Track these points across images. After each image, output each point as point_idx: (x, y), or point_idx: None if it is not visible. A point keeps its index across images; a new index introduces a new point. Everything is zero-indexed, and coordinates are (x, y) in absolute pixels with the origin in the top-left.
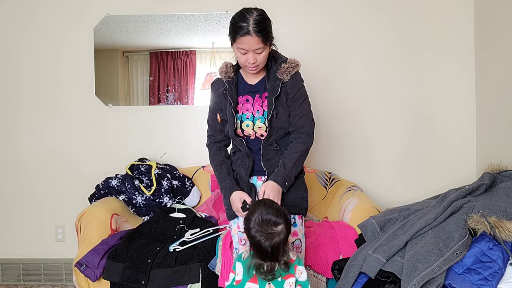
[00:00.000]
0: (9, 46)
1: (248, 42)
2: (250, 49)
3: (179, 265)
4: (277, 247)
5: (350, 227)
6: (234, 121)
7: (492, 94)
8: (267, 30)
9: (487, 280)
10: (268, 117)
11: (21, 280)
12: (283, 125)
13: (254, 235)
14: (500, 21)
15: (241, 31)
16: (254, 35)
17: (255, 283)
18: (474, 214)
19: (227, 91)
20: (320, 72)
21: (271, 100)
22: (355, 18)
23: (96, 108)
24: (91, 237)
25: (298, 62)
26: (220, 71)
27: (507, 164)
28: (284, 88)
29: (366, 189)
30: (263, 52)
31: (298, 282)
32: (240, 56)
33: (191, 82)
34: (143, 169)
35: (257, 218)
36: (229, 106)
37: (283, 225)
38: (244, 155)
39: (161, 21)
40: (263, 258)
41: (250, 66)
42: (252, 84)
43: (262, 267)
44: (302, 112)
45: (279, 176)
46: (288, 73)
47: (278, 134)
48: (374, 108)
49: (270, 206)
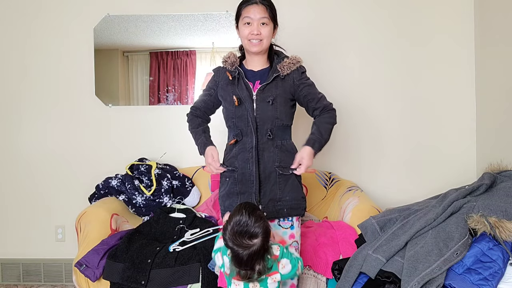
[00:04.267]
0: (9, 46)
1: (254, 10)
2: (255, 18)
3: (179, 265)
4: (251, 258)
5: (350, 227)
6: (252, 106)
7: (492, 94)
8: (272, 6)
9: (487, 280)
10: (254, 104)
11: (21, 280)
12: (279, 115)
13: (231, 246)
14: (500, 20)
15: (249, 2)
16: (260, 4)
17: (240, 280)
18: (474, 214)
19: (241, 75)
20: (320, 71)
21: (262, 86)
22: (356, 17)
23: (96, 108)
24: (91, 237)
25: (300, 59)
26: (225, 58)
27: (507, 164)
28: (290, 81)
29: (366, 189)
30: (267, 26)
31: (290, 273)
32: (244, 29)
33: (191, 82)
34: (143, 169)
35: (233, 229)
36: (246, 90)
37: (260, 237)
38: (248, 142)
39: (161, 21)
40: (239, 266)
41: (254, 39)
42: (254, 71)
43: (239, 273)
44: (322, 95)
45: (316, 142)
46: (288, 68)
47: (274, 124)
48: (374, 108)
49: (247, 216)
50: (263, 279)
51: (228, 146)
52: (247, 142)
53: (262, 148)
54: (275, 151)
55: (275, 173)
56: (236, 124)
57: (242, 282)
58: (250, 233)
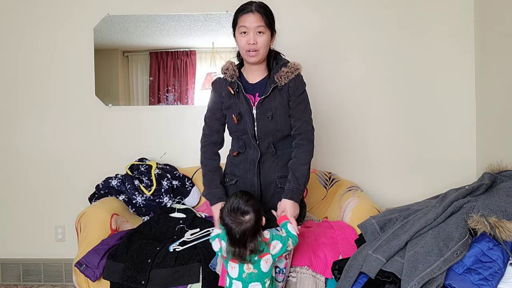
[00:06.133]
0: (9, 46)
1: (250, 19)
2: (251, 27)
3: (179, 265)
4: (244, 234)
5: (350, 227)
6: (252, 120)
7: (492, 94)
8: (269, 13)
9: (487, 280)
10: (255, 118)
11: (21, 280)
12: (280, 127)
13: (226, 222)
14: (500, 20)
15: (244, 10)
16: (256, 13)
17: (235, 262)
18: (474, 214)
19: (240, 89)
20: (320, 71)
21: (261, 100)
22: (355, 18)
23: (96, 108)
24: (91, 237)
25: (299, 66)
26: (224, 70)
27: (507, 164)
28: (286, 89)
29: (366, 189)
30: (264, 34)
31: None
32: (241, 39)
33: (191, 82)
34: (143, 169)
35: (228, 207)
36: (246, 104)
37: (252, 213)
38: (250, 154)
39: (161, 21)
40: (233, 244)
41: (251, 49)
42: (252, 84)
43: (234, 253)
44: (306, 117)
45: (295, 194)
46: (286, 77)
47: (276, 137)
48: (374, 108)
49: (241, 197)
50: (256, 261)
51: (231, 155)
52: (249, 154)
53: (263, 160)
54: (276, 161)
55: (274, 184)
56: (239, 137)
57: (237, 264)
58: (242, 210)
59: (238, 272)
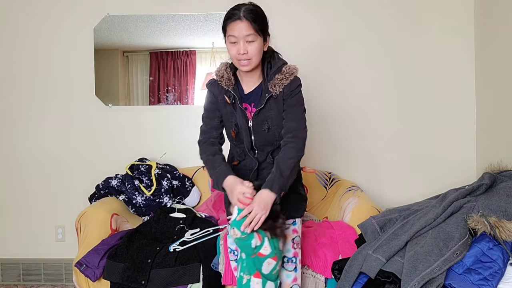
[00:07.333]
0: (8, 45)
1: (238, 28)
2: (240, 36)
3: (179, 265)
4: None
5: (350, 227)
6: (249, 133)
7: (492, 94)
8: (259, 19)
9: (487, 280)
10: (252, 131)
11: (21, 280)
12: (278, 137)
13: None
14: (500, 20)
15: (231, 18)
16: (244, 20)
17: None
18: (474, 214)
19: (236, 100)
20: (320, 72)
21: (256, 111)
22: (354, 19)
23: (96, 108)
24: (91, 237)
25: (294, 69)
26: (219, 78)
27: (507, 164)
28: (281, 96)
29: (366, 189)
30: (255, 42)
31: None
32: (231, 48)
33: (191, 82)
34: (143, 169)
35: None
36: (243, 117)
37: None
38: (248, 163)
39: (161, 21)
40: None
41: (242, 59)
42: (247, 93)
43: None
44: (297, 116)
45: (275, 183)
46: (281, 84)
47: (274, 146)
48: (374, 108)
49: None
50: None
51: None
52: (248, 163)
53: (262, 167)
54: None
55: None
56: (237, 145)
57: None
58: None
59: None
